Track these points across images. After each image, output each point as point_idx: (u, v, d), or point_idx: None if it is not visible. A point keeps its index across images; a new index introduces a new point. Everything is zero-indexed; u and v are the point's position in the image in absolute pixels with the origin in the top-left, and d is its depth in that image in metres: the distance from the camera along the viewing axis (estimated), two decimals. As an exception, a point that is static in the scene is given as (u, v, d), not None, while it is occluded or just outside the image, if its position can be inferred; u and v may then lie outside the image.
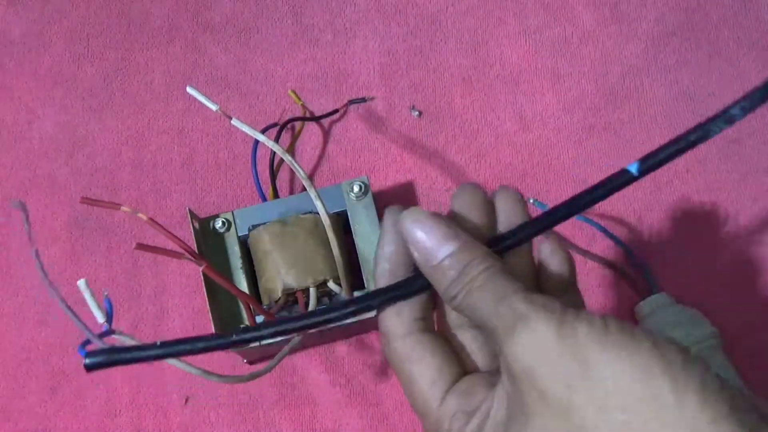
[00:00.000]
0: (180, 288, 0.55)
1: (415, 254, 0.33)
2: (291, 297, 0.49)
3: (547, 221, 0.34)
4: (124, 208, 0.40)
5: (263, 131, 0.48)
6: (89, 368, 0.33)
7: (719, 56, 0.58)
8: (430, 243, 0.32)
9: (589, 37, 0.59)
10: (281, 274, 0.49)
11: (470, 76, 0.59)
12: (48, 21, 0.62)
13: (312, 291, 0.48)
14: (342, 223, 0.52)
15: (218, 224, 0.52)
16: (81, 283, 0.35)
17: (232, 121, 0.45)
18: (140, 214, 0.40)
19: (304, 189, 0.51)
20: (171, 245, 0.40)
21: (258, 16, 0.61)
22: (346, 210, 0.52)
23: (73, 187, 0.58)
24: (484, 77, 0.58)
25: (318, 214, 0.48)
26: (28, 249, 0.57)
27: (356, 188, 0.52)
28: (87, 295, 0.35)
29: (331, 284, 0.49)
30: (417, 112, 0.58)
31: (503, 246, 0.33)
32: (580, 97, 0.58)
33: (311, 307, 0.48)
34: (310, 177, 0.57)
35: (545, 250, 0.35)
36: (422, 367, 0.33)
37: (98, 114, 0.60)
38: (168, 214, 0.56)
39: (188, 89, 0.46)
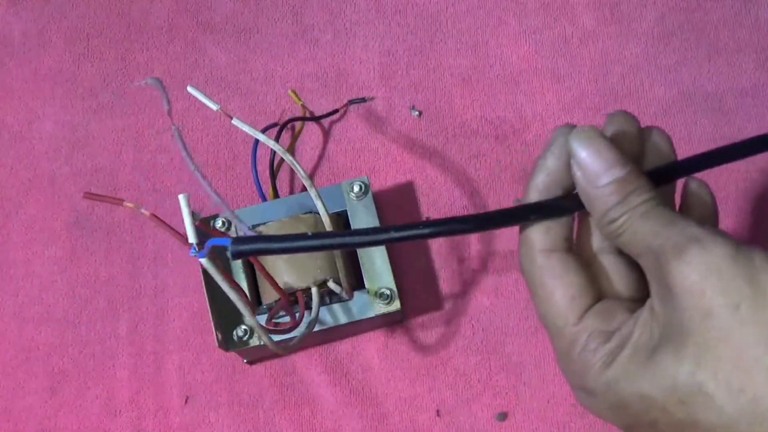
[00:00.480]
0: (180, 288, 0.55)
1: (578, 174, 0.33)
2: (291, 297, 0.49)
3: (700, 163, 0.35)
4: (127, 204, 0.40)
5: (263, 131, 0.48)
6: (235, 255, 0.32)
7: (719, 56, 0.58)
8: (597, 165, 0.32)
9: (589, 37, 0.59)
10: (281, 274, 0.49)
11: (470, 76, 0.59)
12: (48, 21, 0.62)
13: (314, 291, 0.48)
14: (342, 223, 0.52)
15: (218, 224, 0.52)
16: (181, 197, 0.36)
17: (232, 121, 0.45)
18: (143, 210, 0.40)
19: (304, 189, 0.51)
20: (173, 241, 0.40)
21: (258, 16, 0.61)
22: (346, 210, 0.52)
23: (73, 187, 0.58)
24: (484, 77, 0.58)
25: (318, 214, 0.48)
26: (30, 248, 0.57)
27: (356, 188, 0.52)
28: (185, 212, 0.37)
29: (331, 284, 0.49)
30: (417, 112, 0.58)
31: (658, 178, 0.34)
32: (580, 97, 0.58)
33: (314, 307, 0.48)
34: (310, 177, 0.57)
35: (693, 185, 0.36)
36: (564, 284, 0.33)
37: (98, 114, 0.60)
38: (168, 213, 0.56)
39: (189, 89, 0.46)
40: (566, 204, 0.34)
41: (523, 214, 0.34)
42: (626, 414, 0.32)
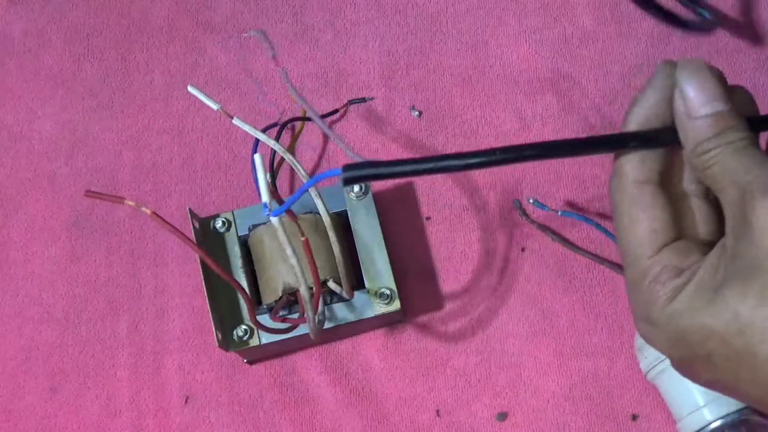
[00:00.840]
0: (180, 288, 0.55)
1: (679, 102, 0.34)
2: (292, 297, 0.49)
3: None
4: (128, 202, 0.41)
5: (263, 131, 0.48)
6: (346, 182, 0.33)
7: (719, 56, 0.58)
8: (700, 96, 0.33)
9: (589, 37, 0.59)
10: (281, 274, 0.49)
11: (470, 76, 0.59)
12: (48, 21, 0.62)
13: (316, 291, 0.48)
14: (342, 223, 0.52)
15: (218, 224, 0.52)
16: (257, 157, 0.37)
17: (233, 121, 0.45)
18: (144, 208, 0.40)
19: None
20: (173, 241, 0.40)
21: (258, 16, 0.61)
22: (346, 210, 0.52)
23: (73, 187, 0.58)
24: (484, 77, 0.58)
25: (318, 213, 0.48)
26: (30, 248, 0.57)
27: (356, 188, 0.52)
28: (260, 171, 0.37)
29: (331, 284, 0.49)
30: (417, 112, 0.58)
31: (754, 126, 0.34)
32: (580, 97, 0.58)
33: (316, 307, 0.48)
34: (311, 177, 0.57)
35: None
36: (649, 216, 0.34)
37: (98, 114, 0.60)
38: (168, 213, 0.56)
39: (189, 88, 0.46)
40: (665, 135, 0.35)
41: (622, 141, 0.35)
42: (684, 345, 0.33)
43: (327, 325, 0.50)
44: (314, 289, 0.46)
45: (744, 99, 0.36)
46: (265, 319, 0.49)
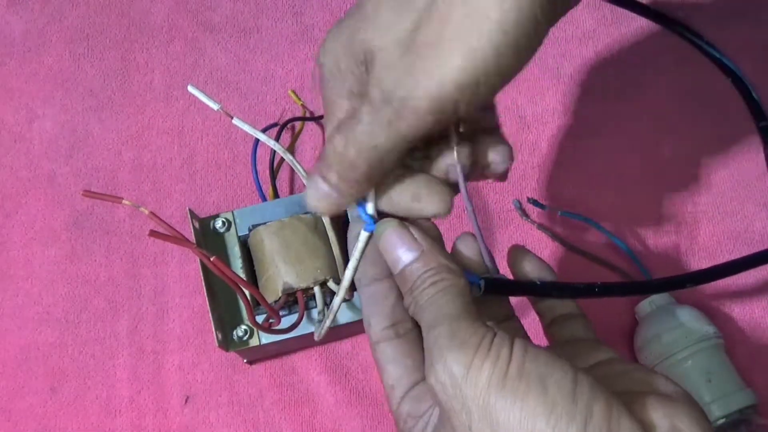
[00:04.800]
0: (180, 288, 0.55)
1: (388, 260, 0.35)
2: (291, 297, 0.49)
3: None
4: (125, 202, 0.40)
5: (263, 131, 0.49)
6: (485, 292, 0.35)
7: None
8: (393, 253, 0.35)
9: (589, 37, 0.59)
10: (281, 274, 0.49)
11: (470, 76, 0.58)
12: (48, 21, 0.62)
13: (317, 290, 0.48)
14: (342, 223, 0.52)
15: (218, 224, 0.52)
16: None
17: (233, 121, 0.45)
18: (142, 209, 0.40)
19: (304, 188, 0.51)
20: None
21: (258, 16, 0.61)
22: (346, 210, 0.52)
23: (73, 187, 0.58)
24: (484, 77, 0.58)
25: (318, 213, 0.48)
26: (30, 248, 0.57)
27: (356, 188, 0.52)
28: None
29: (331, 284, 0.49)
30: (417, 112, 0.58)
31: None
32: (580, 97, 0.58)
33: (318, 307, 0.48)
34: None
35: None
36: (385, 374, 0.36)
37: (98, 114, 0.60)
38: (168, 213, 0.56)
39: (189, 88, 0.46)
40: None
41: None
42: None
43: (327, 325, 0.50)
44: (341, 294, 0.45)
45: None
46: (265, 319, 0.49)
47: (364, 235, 0.35)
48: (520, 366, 0.30)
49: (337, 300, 0.38)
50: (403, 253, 0.34)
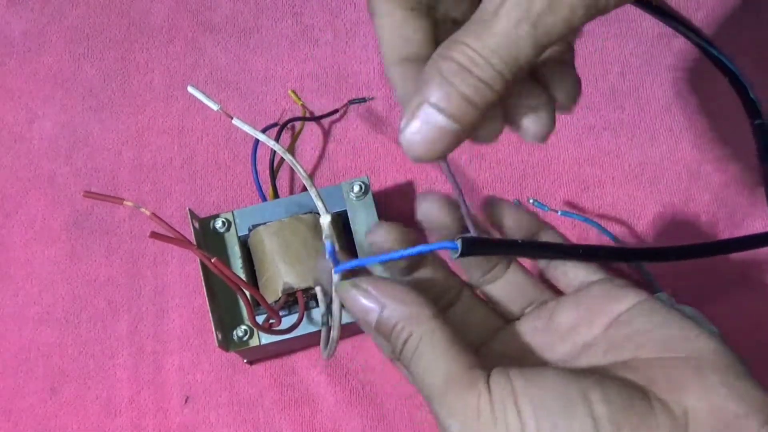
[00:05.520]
0: (180, 288, 0.55)
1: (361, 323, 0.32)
2: (291, 297, 0.49)
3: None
4: (127, 203, 0.40)
5: (263, 131, 0.48)
6: (463, 254, 0.32)
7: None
8: (365, 305, 0.32)
9: (589, 37, 0.59)
10: (281, 274, 0.49)
11: (470, 76, 0.58)
12: (48, 21, 0.62)
13: (319, 291, 0.48)
14: (342, 223, 0.52)
15: (218, 224, 0.52)
16: None
17: (233, 121, 0.45)
18: (143, 209, 0.40)
19: (304, 189, 0.51)
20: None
21: (258, 16, 0.61)
22: (346, 210, 0.52)
23: (73, 187, 0.58)
24: (484, 77, 0.58)
25: (318, 214, 0.48)
26: (30, 248, 0.57)
27: (356, 188, 0.52)
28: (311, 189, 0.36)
29: (331, 284, 0.49)
30: (417, 112, 0.58)
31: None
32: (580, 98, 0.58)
33: (321, 307, 0.48)
34: (310, 177, 0.57)
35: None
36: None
37: (98, 114, 0.60)
38: (168, 213, 0.56)
39: (189, 88, 0.46)
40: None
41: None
42: None
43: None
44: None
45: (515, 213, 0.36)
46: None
47: (336, 278, 0.33)
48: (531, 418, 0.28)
49: (334, 334, 0.35)
50: (367, 312, 0.31)
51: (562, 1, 0.27)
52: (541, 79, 0.32)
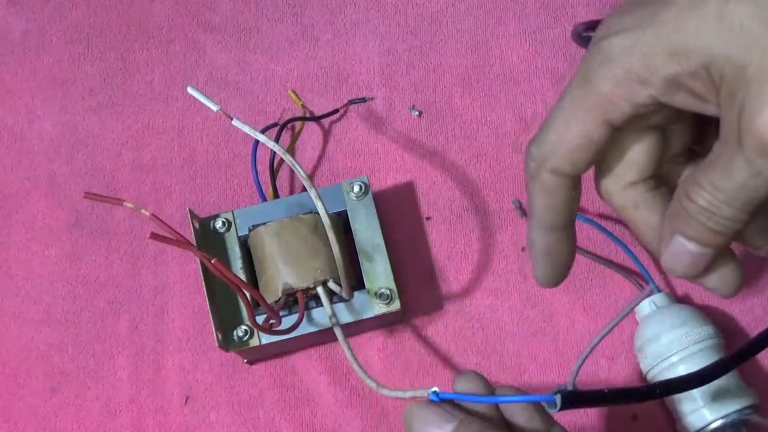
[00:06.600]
0: (180, 288, 0.55)
1: None
2: (291, 297, 0.49)
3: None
4: (127, 204, 0.40)
5: (263, 131, 0.49)
6: (562, 408, 0.34)
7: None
8: (430, 431, 0.35)
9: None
10: (281, 274, 0.49)
11: (470, 76, 0.59)
12: (48, 21, 0.62)
13: (321, 291, 0.48)
14: (342, 223, 0.52)
15: (218, 224, 0.52)
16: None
17: (233, 122, 0.45)
18: (143, 210, 0.40)
19: (304, 189, 0.51)
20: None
21: (258, 16, 0.61)
22: (346, 210, 0.52)
23: (73, 187, 0.58)
24: (484, 77, 0.58)
25: (318, 214, 0.48)
26: (30, 248, 0.57)
27: (356, 188, 0.52)
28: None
29: (331, 284, 0.49)
30: (417, 112, 0.58)
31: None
32: None
33: (325, 306, 0.48)
34: (310, 177, 0.57)
35: None
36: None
37: (98, 114, 0.60)
38: (168, 214, 0.56)
39: (189, 89, 0.46)
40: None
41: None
42: None
43: (327, 325, 0.50)
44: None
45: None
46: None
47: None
48: None
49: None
50: (439, 430, 0.35)
51: None
52: None
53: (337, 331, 0.47)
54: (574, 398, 0.34)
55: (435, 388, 0.37)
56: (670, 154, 0.37)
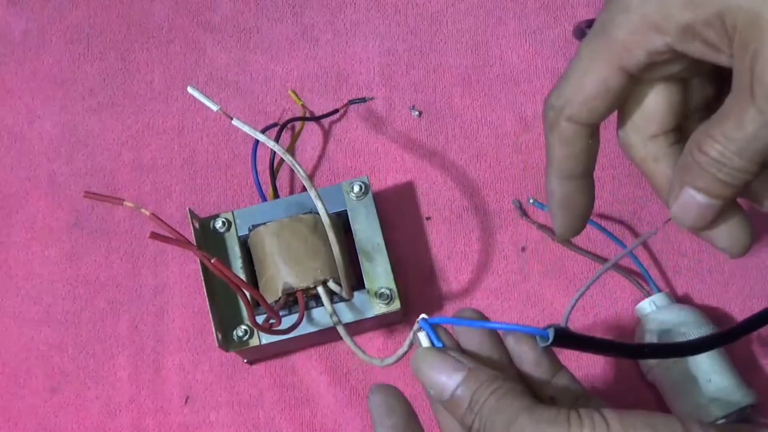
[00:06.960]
0: (180, 288, 0.55)
1: (431, 392, 0.35)
2: (291, 297, 0.49)
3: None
4: (127, 203, 0.40)
5: (263, 131, 0.49)
6: (552, 344, 0.34)
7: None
8: (438, 378, 0.34)
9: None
10: (281, 274, 0.49)
11: (470, 76, 0.59)
12: (48, 21, 0.62)
13: (321, 290, 0.48)
14: (342, 223, 0.52)
15: (218, 224, 0.52)
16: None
17: (233, 122, 0.45)
18: (143, 210, 0.40)
19: (304, 189, 0.51)
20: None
21: (258, 16, 0.61)
22: (346, 210, 0.52)
23: (73, 187, 0.58)
24: (484, 77, 0.58)
25: (318, 214, 0.48)
26: (30, 248, 0.57)
27: (356, 188, 0.52)
28: None
29: (331, 284, 0.49)
30: (417, 112, 0.58)
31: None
32: None
33: (326, 305, 0.48)
34: (310, 177, 0.57)
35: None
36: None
37: (98, 114, 0.60)
38: (168, 214, 0.56)
39: (189, 89, 0.46)
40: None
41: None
42: None
43: (327, 325, 0.50)
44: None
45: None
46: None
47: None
48: (620, 422, 0.29)
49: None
50: (447, 378, 0.34)
51: None
52: None
53: (340, 329, 0.47)
54: (565, 336, 0.34)
55: (423, 315, 0.36)
56: (691, 109, 0.37)
